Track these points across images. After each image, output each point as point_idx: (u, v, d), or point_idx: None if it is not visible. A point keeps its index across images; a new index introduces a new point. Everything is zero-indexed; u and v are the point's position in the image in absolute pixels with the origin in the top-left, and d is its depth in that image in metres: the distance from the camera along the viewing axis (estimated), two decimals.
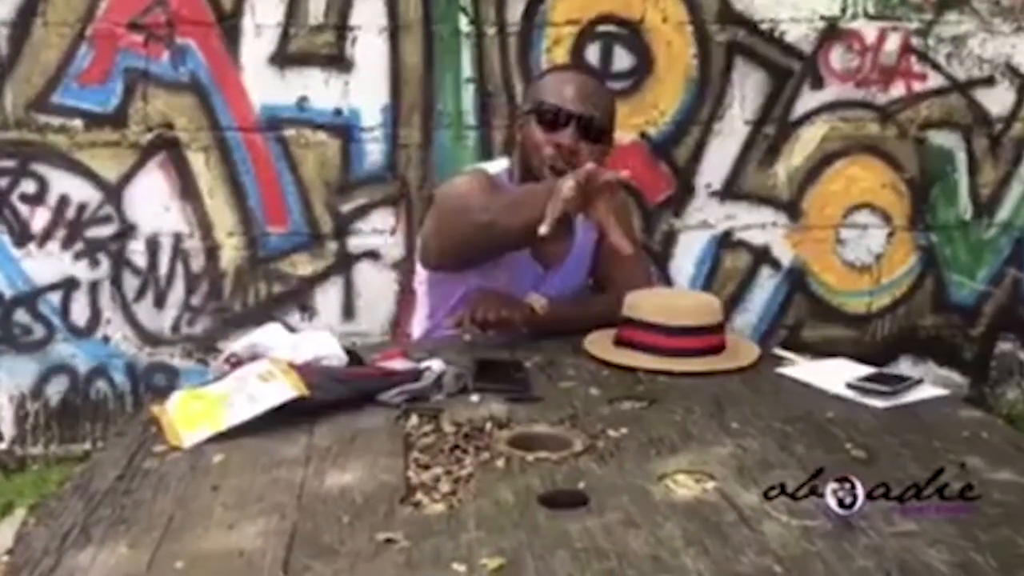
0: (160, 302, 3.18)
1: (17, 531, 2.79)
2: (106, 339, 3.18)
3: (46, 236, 3.10)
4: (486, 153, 3.12)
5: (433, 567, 1.13)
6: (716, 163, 3.30)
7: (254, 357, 1.71)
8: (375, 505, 1.28)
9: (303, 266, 3.21)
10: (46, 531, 1.26)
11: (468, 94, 3.16)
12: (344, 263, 3.21)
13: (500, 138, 3.15)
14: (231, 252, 3.18)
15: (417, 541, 1.18)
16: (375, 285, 3.20)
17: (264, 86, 3.10)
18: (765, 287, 3.39)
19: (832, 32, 3.27)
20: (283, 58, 3.09)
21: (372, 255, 3.22)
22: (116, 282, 3.15)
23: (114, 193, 3.10)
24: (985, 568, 1.13)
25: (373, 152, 3.16)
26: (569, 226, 2.01)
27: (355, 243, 3.20)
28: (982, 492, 1.32)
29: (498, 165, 2.24)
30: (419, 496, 1.31)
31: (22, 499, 3.02)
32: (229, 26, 3.06)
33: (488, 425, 1.53)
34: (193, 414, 1.55)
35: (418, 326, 2.31)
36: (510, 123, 2.98)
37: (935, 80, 3.34)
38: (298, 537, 1.20)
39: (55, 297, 3.14)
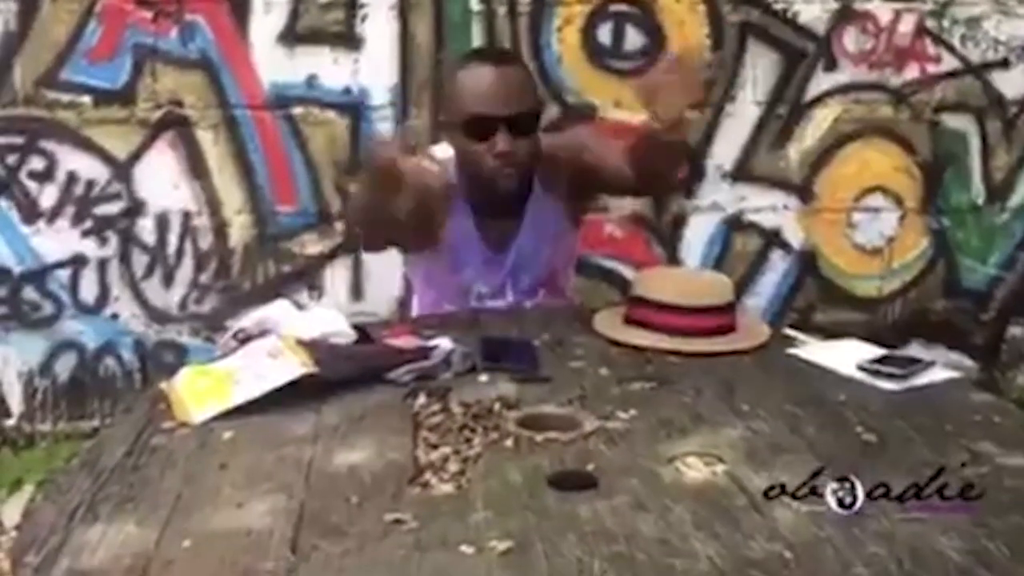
0: (168, 280, 3.18)
1: (25, 507, 2.81)
2: (114, 316, 3.18)
3: (55, 213, 3.10)
4: None
5: (441, 549, 1.12)
6: (727, 145, 3.28)
7: (262, 333, 1.71)
8: (383, 485, 1.28)
9: (312, 245, 3.20)
10: (53, 508, 1.26)
11: None
12: (352, 242, 3.20)
13: None
14: (239, 230, 3.17)
15: (425, 522, 1.18)
16: (383, 265, 3.18)
17: (273, 64, 3.08)
18: (776, 270, 3.38)
19: (846, 13, 3.24)
20: (292, 36, 3.08)
21: None
22: (125, 259, 3.15)
23: (123, 170, 3.10)
24: (997, 555, 1.12)
25: (382, 131, 3.15)
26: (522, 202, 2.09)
27: None
28: (994, 477, 1.31)
29: (445, 151, 2.12)
30: (427, 476, 1.30)
31: (31, 475, 3.03)
32: (238, 3, 3.05)
33: (497, 405, 1.52)
34: (201, 390, 1.54)
35: (416, 308, 2.35)
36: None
37: (949, 62, 3.32)
38: (306, 517, 1.20)
39: (64, 274, 3.14)
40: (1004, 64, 3.34)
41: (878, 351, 1.77)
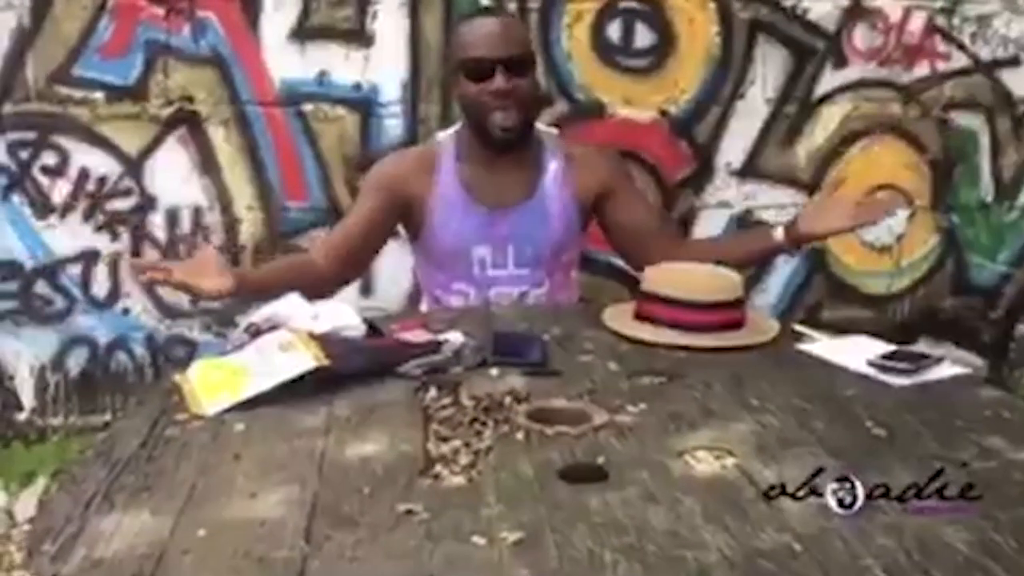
0: None
1: (40, 497, 2.82)
2: (126, 311, 3.20)
3: (67, 208, 3.11)
4: None
5: (453, 539, 1.13)
6: (737, 142, 3.28)
7: (274, 327, 1.72)
8: (395, 476, 1.29)
9: None
10: (69, 498, 1.27)
11: None
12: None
13: None
14: (250, 226, 3.18)
15: (437, 513, 1.19)
16: (393, 261, 3.17)
17: (284, 60, 3.09)
18: (784, 267, 3.37)
19: (856, 10, 3.23)
20: (303, 32, 3.08)
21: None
22: (136, 255, 3.15)
23: (135, 166, 3.11)
24: (1005, 548, 1.13)
25: (392, 127, 3.15)
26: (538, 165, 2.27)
27: None
28: (1003, 472, 1.32)
29: (451, 130, 2.37)
30: (439, 468, 1.32)
31: (43, 469, 3.05)
32: (249, 0, 3.05)
33: (507, 398, 1.53)
34: (214, 383, 1.56)
35: (426, 296, 2.46)
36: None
37: (959, 60, 3.31)
38: (319, 507, 1.21)
39: (76, 269, 3.15)
40: (1014, 62, 3.33)
41: (887, 347, 1.77)
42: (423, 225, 2.28)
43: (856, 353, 1.74)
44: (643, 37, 3.19)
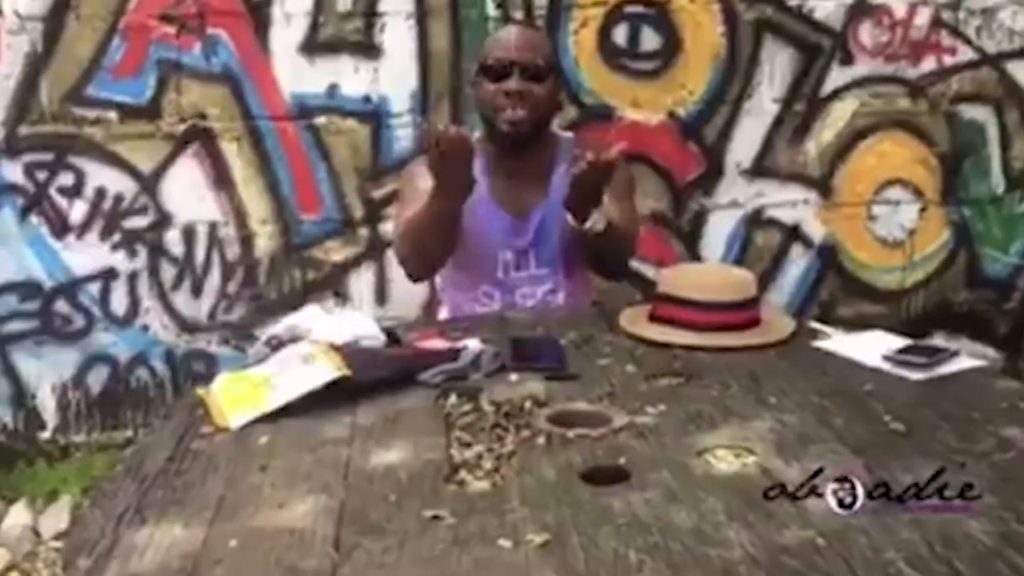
0: (197, 290, 3.21)
1: (72, 513, 2.85)
2: (145, 328, 3.22)
3: (84, 227, 3.14)
4: None
5: (480, 544, 1.15)
6: (746, 141, 3.29)
7: (294, 339, 1.74)
8: (420, 483, 1.31)
9: (336, 252, 3.24)
10: (101, 513, 1.29)
11: None
12: (376, 249, 3.24)
13: None
14: (265, 240, 3.21)
15: (463, 518, 1.21)
16: None
17: (294, 74, 3.11)
18: (797, 265, 3.39)
19: (861, 7, 3.24)
20: (313, 46, 3.11)
21: None
22: (154, 272, 3.19)
23: (150, 184, 3.14)
24: None
25: (403, 138, 3.18)
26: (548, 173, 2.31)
27: (387, 229, 3.20)
28: (1022, 462, 1.33)
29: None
30: (463, 474, 1.33)
31: (67, 486, 3.07)
32: (259, 16, 3.08)
33: (527, 403, 1.55)
34: (238, 396, 1.58)
35: (447, 300, 2.45)
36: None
37: (965, 53, 3.31)
38: (347, 515, 1.23)
39: (94, 287, 3.18)
40: (1021, 54, 3.33)
41: (903, 341, 1.78)
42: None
43: (872, 348, 1.75)
44: (649, 40, 3.21)
